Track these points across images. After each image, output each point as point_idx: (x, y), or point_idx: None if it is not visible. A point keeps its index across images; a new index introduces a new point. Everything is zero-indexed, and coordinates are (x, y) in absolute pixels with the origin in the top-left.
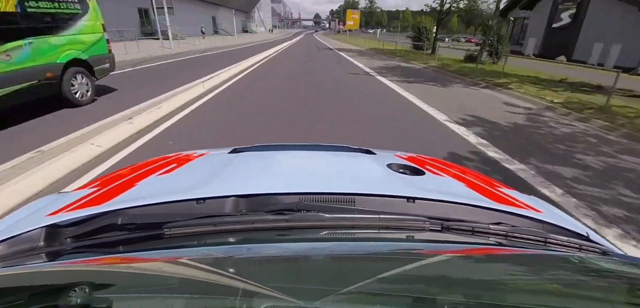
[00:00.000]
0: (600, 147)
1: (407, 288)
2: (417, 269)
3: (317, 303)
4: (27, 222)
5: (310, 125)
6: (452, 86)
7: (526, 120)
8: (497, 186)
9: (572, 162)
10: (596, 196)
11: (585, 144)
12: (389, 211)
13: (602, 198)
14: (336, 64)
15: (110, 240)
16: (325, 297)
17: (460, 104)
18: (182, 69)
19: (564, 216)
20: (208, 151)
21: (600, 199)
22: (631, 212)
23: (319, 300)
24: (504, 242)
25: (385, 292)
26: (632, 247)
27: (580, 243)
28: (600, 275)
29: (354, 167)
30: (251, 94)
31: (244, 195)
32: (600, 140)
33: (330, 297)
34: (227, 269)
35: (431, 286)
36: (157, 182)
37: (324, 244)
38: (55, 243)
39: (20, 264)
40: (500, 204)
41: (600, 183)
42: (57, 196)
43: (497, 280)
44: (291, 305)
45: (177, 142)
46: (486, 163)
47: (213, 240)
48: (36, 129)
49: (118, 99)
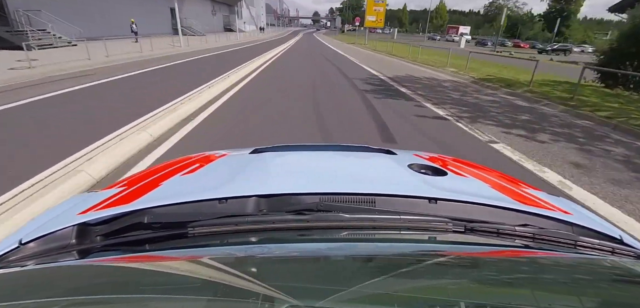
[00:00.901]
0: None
1: (430, 290)
2: (440, 271)
3: (338, 304)
4: (59, 220)
5: None
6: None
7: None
8: (523, 186)
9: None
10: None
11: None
12: (411, 212)
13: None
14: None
15: (136, 238)
16: (345, 297)
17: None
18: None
19: (596, 218)
20: (229, 151)
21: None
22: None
23: (338, 300)
24: (531, 245)
25: (406, 293)
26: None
27: (613, 246)
28: (635, 280)
29: (375, 167)
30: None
31: (265, 195)
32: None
33: (351, 298)
34: (248, 269)
35: (454, 288)
36: (181, 182)
37: (344, 244)
38: (86, 241)
39: (54, 261)
40: (527, 205)
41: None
42: (87, 195)
43: (524, 283)
44: (311, 305)
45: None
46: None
47: (235, 239)
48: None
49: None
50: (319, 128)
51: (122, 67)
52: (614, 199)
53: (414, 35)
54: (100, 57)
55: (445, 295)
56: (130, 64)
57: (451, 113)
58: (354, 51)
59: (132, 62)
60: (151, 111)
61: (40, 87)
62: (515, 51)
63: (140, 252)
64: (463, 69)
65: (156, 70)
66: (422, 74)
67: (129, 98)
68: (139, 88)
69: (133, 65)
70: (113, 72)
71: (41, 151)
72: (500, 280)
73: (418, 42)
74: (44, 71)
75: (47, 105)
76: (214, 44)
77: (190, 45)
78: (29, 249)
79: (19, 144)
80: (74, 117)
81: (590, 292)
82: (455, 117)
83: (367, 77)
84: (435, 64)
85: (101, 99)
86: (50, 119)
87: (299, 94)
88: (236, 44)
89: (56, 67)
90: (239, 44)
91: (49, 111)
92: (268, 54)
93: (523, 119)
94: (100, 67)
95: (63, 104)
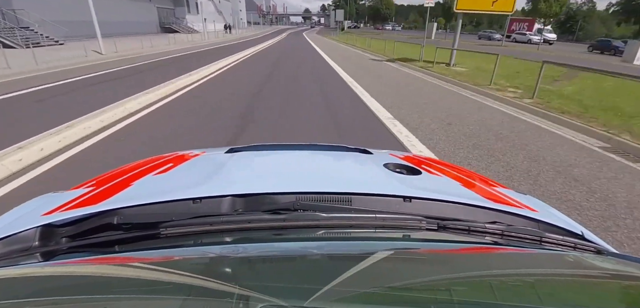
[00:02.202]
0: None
1: (403, 287)
2: (414, 268)
3: (314, 302)
4: (22, 221)
5: None
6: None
7: None
8: (493, 185)
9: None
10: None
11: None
12: (386, 210)
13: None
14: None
15: (106, 239)
16: (321, 295)
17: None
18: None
19: (560, 215)
20: (204, 151)
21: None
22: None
23: (315, 299)
24: (500, 241)
25: (382, 291)
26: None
27: (575, 242)
28: (595, 274)
29: (351, 166)
30: None
31: (241, 195)
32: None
33: (327, 296)
34: (223, 269)
35: (428, 285)
36: (153, 182)
37: (320, 243)
38: (51, 243)
39: (15, 264)
40: (497, 203)
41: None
42: (53, 195)
43: (493, 278)
44: (288, 304)
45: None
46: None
47: (209, 239)
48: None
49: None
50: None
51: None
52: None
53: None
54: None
55: (419, 292)
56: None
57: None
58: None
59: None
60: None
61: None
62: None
63: (110, 253)
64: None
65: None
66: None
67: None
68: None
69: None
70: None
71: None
72: (472, 276)
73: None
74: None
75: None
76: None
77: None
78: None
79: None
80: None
81: (554, 286)
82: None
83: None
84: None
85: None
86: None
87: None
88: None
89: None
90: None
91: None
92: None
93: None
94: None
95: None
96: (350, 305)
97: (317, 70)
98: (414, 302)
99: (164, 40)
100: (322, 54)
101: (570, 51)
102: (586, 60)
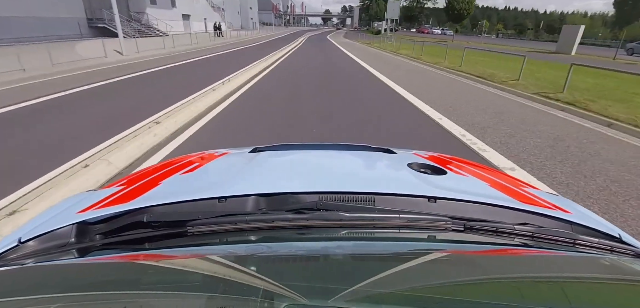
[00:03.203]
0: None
1: (429, 289)
2: (439, 269)
3: (338, 302)
4: (59, 218)
5: None
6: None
7: None
8: (522, 185)
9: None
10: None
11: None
12: (410, 210)
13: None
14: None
15: (136, 237)
16: (344, 295)
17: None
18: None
19: (594, 217)
20: (229, 150)
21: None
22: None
23: (338, 299)
24: (530, 243)
25: (406, 292)
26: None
27: (612, 245)
28: (633, 278)
29: (374, 166)
30: None
31: (265, 194)
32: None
33: (351, 296)
34: (248, 267)
35: (454, 286)
36: (180, 181)
37: (343, 243)
38: (85, 239)
39: (53, 260)
40: (526, 204)
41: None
42: (87, 194)
43: (523, 281)
44: (311, 303)
45: None
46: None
47: (234, 238)
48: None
49: None
50: None
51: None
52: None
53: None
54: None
55: (444, 294)
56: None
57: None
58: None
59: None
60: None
61: None
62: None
63: (140, 250)
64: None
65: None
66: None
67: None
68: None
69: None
70: None
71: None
72: (499, 278)
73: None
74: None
75: None
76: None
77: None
78: (28, 247)
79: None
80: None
81: (589, 290)
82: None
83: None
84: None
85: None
86: None
87: None
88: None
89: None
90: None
91: None
92: None
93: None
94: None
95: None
96: (374, 306)
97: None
98: (441, 304)
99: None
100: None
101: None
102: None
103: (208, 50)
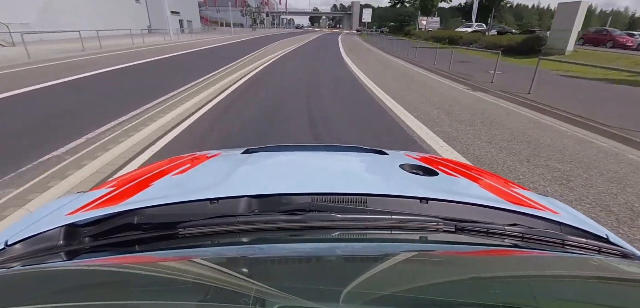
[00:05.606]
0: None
1: (421, 289)
2: (431, 270)
3: (329, 303)
4: (46, 221)
5: None
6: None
7: None
8: (512, 187)
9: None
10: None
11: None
12: (402, 212)
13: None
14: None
15: (126, 239)
16: (337, 297)
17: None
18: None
19: (583, 217)
20: (221, 152)
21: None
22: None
23: (331, 300)
24: (520, 244)
25: (398, 293)
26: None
27: (599, 245)
28: (620, 278)
29: (366, 167)
30: None
31: (257, 196)
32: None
33: (342, 298)
34: (240, 269)
35: (445, 287)
36: (171, 182)
37: (336, 244)
38: (74, 242)
39: (40, 263)
40: (516, 205)
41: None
42: (76, 196)
43: (513, 281)
44: (303, 305)
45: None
46: None
47: (226, 239)
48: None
49: None
50: None
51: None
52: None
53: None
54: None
55: (436, 294)
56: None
57: None
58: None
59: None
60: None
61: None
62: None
63: (130, 253)
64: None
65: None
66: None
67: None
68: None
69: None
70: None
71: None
72: (490, 279)
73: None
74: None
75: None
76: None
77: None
78: (15, 251)
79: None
80: None
81: (577, 290)
82: None
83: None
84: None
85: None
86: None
87: None
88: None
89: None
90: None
91: None
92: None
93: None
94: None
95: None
96: (365, 307)
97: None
98: (433, 304)
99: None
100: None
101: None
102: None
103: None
